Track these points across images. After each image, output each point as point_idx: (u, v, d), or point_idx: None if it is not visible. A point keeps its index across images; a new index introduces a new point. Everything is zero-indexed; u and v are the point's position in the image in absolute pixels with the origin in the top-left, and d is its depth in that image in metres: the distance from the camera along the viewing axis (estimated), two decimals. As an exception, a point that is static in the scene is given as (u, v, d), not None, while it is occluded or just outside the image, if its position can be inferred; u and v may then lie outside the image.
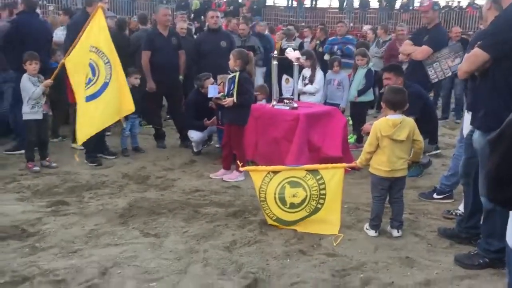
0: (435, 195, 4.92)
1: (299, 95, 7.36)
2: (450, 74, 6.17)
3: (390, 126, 3.85)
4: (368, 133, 4.71)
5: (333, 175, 4.06)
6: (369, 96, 7.41)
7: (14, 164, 5.81)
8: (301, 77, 7.31)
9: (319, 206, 4.06)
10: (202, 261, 3.45)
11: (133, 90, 6.17)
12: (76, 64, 5.23)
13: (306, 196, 4.02)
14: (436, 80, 6.25)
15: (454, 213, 4.47)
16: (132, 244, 3.70)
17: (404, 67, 6.61)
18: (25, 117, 5.56)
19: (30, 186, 5.00)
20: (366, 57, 7.32)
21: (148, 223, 4.13)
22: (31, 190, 4.90)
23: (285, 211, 4.05)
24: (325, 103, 7.13)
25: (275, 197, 4.04)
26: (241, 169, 4.17)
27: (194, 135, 6.49)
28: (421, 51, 6.06)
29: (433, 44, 6.04)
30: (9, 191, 4.87)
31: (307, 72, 7.26)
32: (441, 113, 9.38)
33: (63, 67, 5.27)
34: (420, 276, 3.32)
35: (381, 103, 4.16)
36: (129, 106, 5.34)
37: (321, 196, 4.04)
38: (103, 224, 4.09)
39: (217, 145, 6.80)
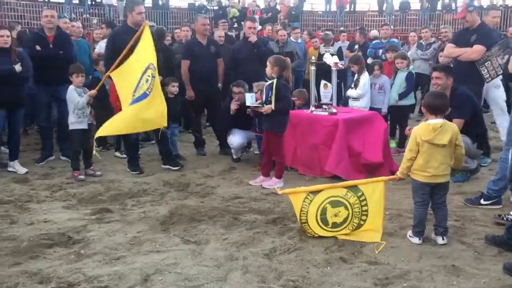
0: (482, 201, 4.73)
1: (347, 100, 7.32)
2: (501, 72, 5.96)
3: (430, 130, 3.75)
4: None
5: (374, 189, 3.97)
6: (410, 100, 7.25)
7: (61, 173, 6.01)
8: (353, 83, 7.27)
9: (361, 222, 3.98)
10: (242, 268, 3.45)
11: (172, 99, 6.30)
12: (125, 78, 5.37)
13: (348, 214, 3.94)
14: (490, 79, 6.04)
15: (506, 218, 4.29)
16: (173, 251, 3.75)
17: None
18: (71, 127, 5.77)
19: (76, 194, 5.16)
20: (406, 60, 7.17)
21: (189, 230, 4.18)
22: (76, 198, 5.06)
23: (328, 230, 3.96)
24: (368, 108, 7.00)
25: (317, 219, 3.94)
26: (279, 192, 4.07)
27: (234, 141, 6.53)
28: (475, 51, 5.87)
29: (485, 42, 5.86)
30: (56, 199, 5.04)
31: (356, 77, 7.19)
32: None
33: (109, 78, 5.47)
34: (467, 286, 3.21)
35: (422, 107, 4.06)
36: (163, 122, 5.36)
37: (363, 213, 3.96)
38: (145, 231, 4.16)
39: (256, 152, 6.82)
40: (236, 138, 6.53)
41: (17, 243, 3.87)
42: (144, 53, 5.34)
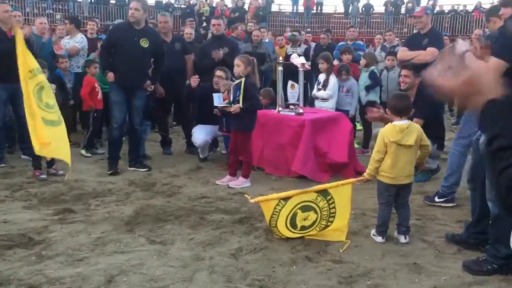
0: (436, 198, 4.89)
1: (313, 100, 7.36)
2: None
3: (397, 131, 3.83)
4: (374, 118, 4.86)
5: (342, 192, 4.00)
6: (374, 96, 7.29)
7: (21, 172, 5.84)
8: (316, 82, 7.31)
9: (328, 224, 4.01)
10: (208, 268, 3.44)
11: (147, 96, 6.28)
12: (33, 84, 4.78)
13: (317, 217, 3.95)
14: None
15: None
16: (138, 251, 3.70)
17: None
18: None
19: (37, 194, 5.03)
20: (366, 60, 7.33)
21: (154, 230, 4.13)
22: (38, 198, 4.92)
23: (295, 232, 3.96)
24: (335, 109, 7.06)
25: (286, 223, 3.92)
26: (251, 200, 4.00)
27: (197, 139, 6.47)
28: (429, 53, 6.01)
29: (438, 45, 6.02)
30: (17, 199, 4.90)
31: (322, 77, 7.19)
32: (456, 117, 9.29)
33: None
34: (428, 283, 3.30)
35: (387, 109, 4.15)
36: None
37: (331, 215, 3.98)
38: (109, 231, 4.09)
39: (223, 151, 6.80)
40: (199, 136, 6.46)
41: (-26, 245, 3.74)
42: (24, 60, 4.89)
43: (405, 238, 3.96)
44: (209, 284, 3.21)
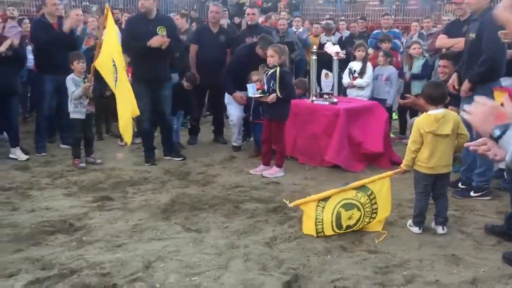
0: (472, 193, 4.68)
1: (345, 89, 7.26)
2: None
3: (433, 121, 3.74)
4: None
5: (381, 186, 3.91)
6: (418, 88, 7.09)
7: (62, 160, 6.02)
8: (347, 71, 7.18)
9: (371, 220, 3.93)
10: (242, 256, 3.47)
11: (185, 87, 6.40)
12: (104, 67, 5.39)
13: (361, 215, 3.85)
14: None
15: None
16: (174, 239, 3.77)
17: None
18: (71, 115, 5.76)
19: (77, 182, 5.17)
20: (420, 47, 7.11)
21: (190, 218, 4.20)
22: (77, 186, 5.07)
23: (341, 233, 3.86)
24: (372, 98, 6.92)
25: (332, 225, 3.80)
26: (290, 204, 3.92)
27: (232, 116, 6.48)
28: None
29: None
30: (57, 187, 5.05)
31: (355, 65, 7.07)
32: None
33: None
34: (467, 274, 3.23)
35: (422, 98, 4.05)
36: (135, 110, 5.34)
37: (373, 211, 3.89)
38: (146, 219, 4.18)
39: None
40: (234, 112, 6.46)
41: (18, 230, 3.88)
42: (107, 40, 5.39)
43: (443, 229, 3.88)
44: (244, 272, 3.24)
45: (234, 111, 6.47)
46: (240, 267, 3.31)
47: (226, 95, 6.52)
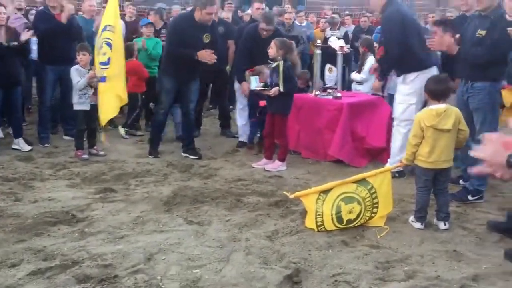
0: (470, 197, 4.52)
1: (351, 84, 7.23)
2: None
3: (434, 115, 3.73)
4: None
5: (382, 180, 3.91)
6: None
7: (65, 152, 6.03)
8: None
9: (372, 215, 3.92)
10: (244, 249, 3.47)
11: None
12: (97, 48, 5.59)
13: (361, 209, 3.83)
14: None
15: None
16: (176, 231, 3.78)
17: None
18: (75, 107, 5.76)
19: (80, 173, 5.18)
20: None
21: (192, 211, 4.20)
22: (80, 177, 5.08)
23: (342, 228, 3.85)
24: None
25: (332, 218, 3.78)
26: (291, 196, 3.92)
27: (239, 121, 6.51)
28: None
29: None
30: (60, 178, 5.07)
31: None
32: None
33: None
34: (468, 270, 3.23)
35: (424, 93, 4.03)
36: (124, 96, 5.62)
37: (374, 206, 3.88)
38: (148, 211, 4.19)
39: (257, 135, 6.79)
40: (240, 121, 6.50)
41: (21, 220, 3.90)
42: (105, 15, 5.58)
43: (445, 225, 3.88)
44: (245, 265, 3.25)
45: (243, 98, 6.45)
46: (241, 260, 3.32)
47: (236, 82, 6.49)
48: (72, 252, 3.37)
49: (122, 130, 6.88)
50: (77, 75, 5.68)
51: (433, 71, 4.95)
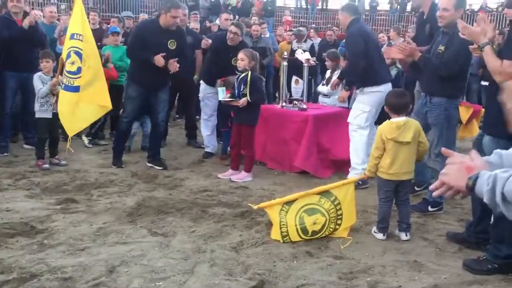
0: (430, 208, 4.60)
1: (317, 96, 7.33)
2: None
3: (394, 128, 3.84)
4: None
5: (346, 192, 3.96)
6: None
7: (25, 161, 5.86)
8: (322, 78, 7.30)
9: (337, 227, 3.95)
10: (209, 261, 3.45)
11: None
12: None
13: (326, 220, 3.87)
14: None
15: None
16: (139, 243, 3.72)
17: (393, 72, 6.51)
18: (36, 115, 5.61)
19: (40, 183, 5.04)
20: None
21: (156, 222, 4.15)
22: (40, 187, 4.94)
23: (307, 239, 3.87)
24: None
25: (297, 229, 3.80)
26: (255, 207, 3.93)
27: (204, 132, 6.50)
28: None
29: None
30: (20, 188, 4.91)
31: (328, 73, 7.16)
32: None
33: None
34: (428, 281, 3.30)
35: (385, 107, 4.12)
36: (107, 103, 5.50)
37: (338, 217, 3.92)
38: (111, 222, 4.11)
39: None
40: (205, 131, 6.50)
41: (-23, 232, 3.75)
42: (72, 23, 5.49)
43: (406, 235, 3.96)
44: (209, 277, 3.22)
45: (204, 132, 6.49)
46: (206, 272, 3.29)
47: (201, 90, 6.48)
48: (30, 264, 3.26)
49: (85, 139, 6.75)
50: (40, 82, 5.55)
51: (389, 86, 5.30)
